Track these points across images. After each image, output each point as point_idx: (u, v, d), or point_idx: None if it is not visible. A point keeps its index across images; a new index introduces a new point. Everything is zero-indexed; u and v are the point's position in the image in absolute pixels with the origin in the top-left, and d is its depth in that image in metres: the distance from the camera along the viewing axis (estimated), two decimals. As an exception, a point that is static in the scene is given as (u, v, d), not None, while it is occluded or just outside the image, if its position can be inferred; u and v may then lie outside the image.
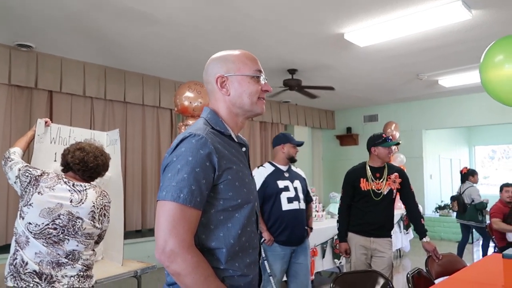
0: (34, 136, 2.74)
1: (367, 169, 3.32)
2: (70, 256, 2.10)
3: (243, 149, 1.41)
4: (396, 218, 4.95)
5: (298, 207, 3.20)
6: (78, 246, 2.12)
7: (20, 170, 2.18)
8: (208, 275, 1.18)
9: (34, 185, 2.11)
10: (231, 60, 1.38)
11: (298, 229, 3.19)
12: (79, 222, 2.12)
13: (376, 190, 3.24)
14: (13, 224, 2.66)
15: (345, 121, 9.82)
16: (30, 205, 2.07)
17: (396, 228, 5.87)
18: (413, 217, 3.31)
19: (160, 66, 5.74)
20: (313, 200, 3.55)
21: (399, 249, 6.44)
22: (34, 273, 2.01)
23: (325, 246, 4.76)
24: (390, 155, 3.33)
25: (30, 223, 2.05)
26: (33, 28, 4.21)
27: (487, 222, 5.30)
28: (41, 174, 2.17)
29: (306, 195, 3.42)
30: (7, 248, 2.54)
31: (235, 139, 1.37)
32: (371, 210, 3.24)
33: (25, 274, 2.01)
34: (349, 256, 3.33)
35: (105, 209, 2.24)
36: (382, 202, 3.23)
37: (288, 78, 6.06)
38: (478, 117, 7.89)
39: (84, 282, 2.14)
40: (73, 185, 2.17)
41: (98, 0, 3.58)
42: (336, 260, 4.89)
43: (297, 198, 3.21)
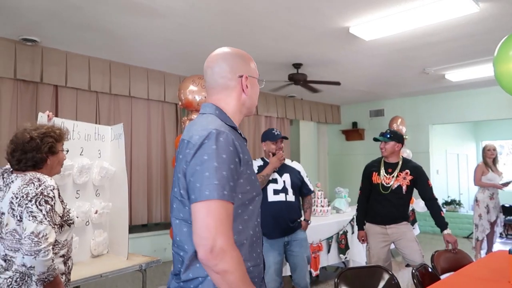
0: None
1: (382, 163, 3.53)
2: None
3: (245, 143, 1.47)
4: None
5: (285, 199, 3.27)
6: (4, 250, 1.89)
7: None
8: (246, 271, 1.19)
9: None
10: (247, 60, 1.44)
11: (282, 220, 3.24)
12: (3, 217, 1.91)
13: (385, 184, 3.45)
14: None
15: (350, 115, 9.75)
16: None
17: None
18: (432, 212, 3.39)
19: (164, 60, 5.73)
20: (312, 192, 3.58)
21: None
22: None
23: (330, 241, 4.75)
24: (382, 150, 3.51)
25: None
26: (38, 22, 4.21)
27: None
28: None
29: (302, 188, 3.45)
30: None
31: (242, 135, 1.42)
32: (381, 202, 3.46)
33: None
34: (366, 242, 3.60)
35: (38, 196, 1.85)
36: (390, 196, 3.42)
37: (293, 72, 6.02)
38: (485, 111, 7.80)
39: None
40: (2, 177, 2.01)
41: (102, -6, 3.58)
42: (341, 255, 4.88)
43: (284, 190, 3.29)
